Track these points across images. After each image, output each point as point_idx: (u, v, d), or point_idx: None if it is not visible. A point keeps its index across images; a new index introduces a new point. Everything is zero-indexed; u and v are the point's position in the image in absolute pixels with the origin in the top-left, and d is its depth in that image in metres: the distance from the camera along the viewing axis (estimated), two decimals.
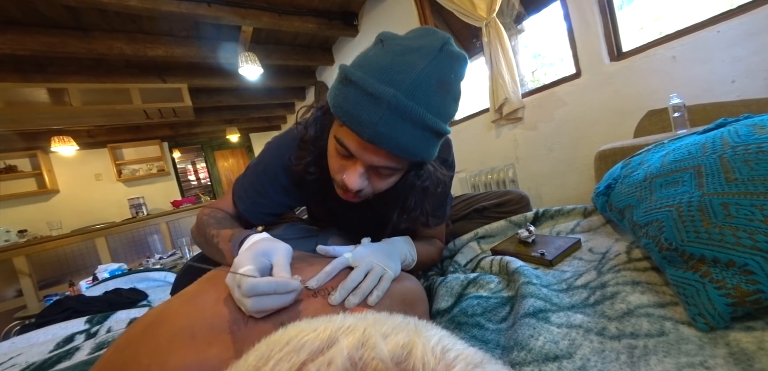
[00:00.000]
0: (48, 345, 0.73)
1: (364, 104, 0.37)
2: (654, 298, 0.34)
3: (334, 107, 0.41)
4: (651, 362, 0.27)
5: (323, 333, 0.12)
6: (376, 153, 0.40)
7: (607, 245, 0.52)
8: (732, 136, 0.37)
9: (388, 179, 0.45)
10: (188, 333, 0.29)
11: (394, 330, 0.12)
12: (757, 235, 0.26)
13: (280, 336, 0.13)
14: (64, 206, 3.59)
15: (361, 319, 0.14)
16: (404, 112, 0.37)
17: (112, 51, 2.21)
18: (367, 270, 0.40)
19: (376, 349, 0.11)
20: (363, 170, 0.43)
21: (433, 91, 0.38)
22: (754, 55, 1.10)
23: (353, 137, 0.40)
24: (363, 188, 0.44)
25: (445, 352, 0.12)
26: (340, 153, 0.43)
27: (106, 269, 1.77)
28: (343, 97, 0.40)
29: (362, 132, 0.38)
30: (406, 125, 0.38)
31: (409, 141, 0.39)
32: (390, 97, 0.36)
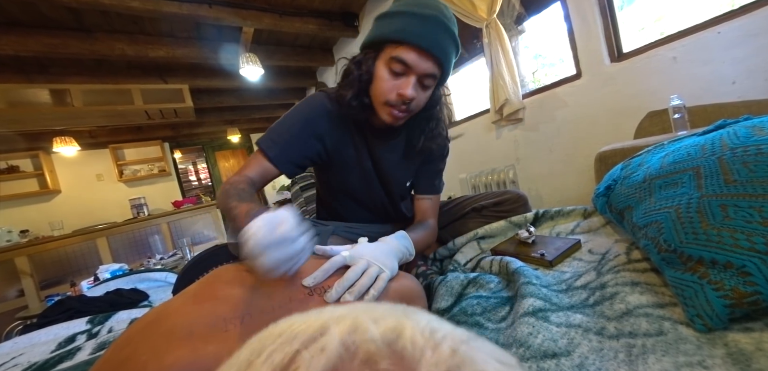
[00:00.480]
0: (50, 345, 0.74)
1: (417, 22, 0.53)
2: (653, 299, 0.34)
3: (391, 34, 0.54)
4: (649, 361, 0.27)
5: (315, 323, 0.13)
6: (428, 60, 0.54)
7: (607, 246, 0.52)
8: (731, 138, 0.37)
9: (427, 92, 0.59)
10: (186, 331, 0.30)
11: (383, 314, 0.13)
12: (755, 237, 0.26)
13: (271, 330, 0.14)
14: (66, 206, 3.60)
15: (351, 308, 0.14)
16: (444, 25, 0.54)
17: (114, 52, 2.22)
18: (363, 269, 0.41)
19: (368, 333, 0.11)
20: (415, 80, 0.55)
21: (450, 18, 0.55)
22: (754, 56, 1.10)
23: (412, 50, 0.53)
24: (414, 97, 0.56)
25: (433, 332, 0.12)
26: (396, 71, 0.55)
27: (108, 269, 1.77)
28: (395, 23, 0.54)
29: (422, 41, 0.52)
30: (445, 35, 0.54)
31: (447, 48, 0.55)
32: (434, 15, 0.53)
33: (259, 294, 0.36)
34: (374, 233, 0.65)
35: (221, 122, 4.29)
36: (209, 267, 0.72)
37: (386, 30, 0.55)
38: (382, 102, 0.58)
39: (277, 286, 0.38)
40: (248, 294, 0.36)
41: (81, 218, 3.52)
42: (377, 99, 0.58)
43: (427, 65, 0.54)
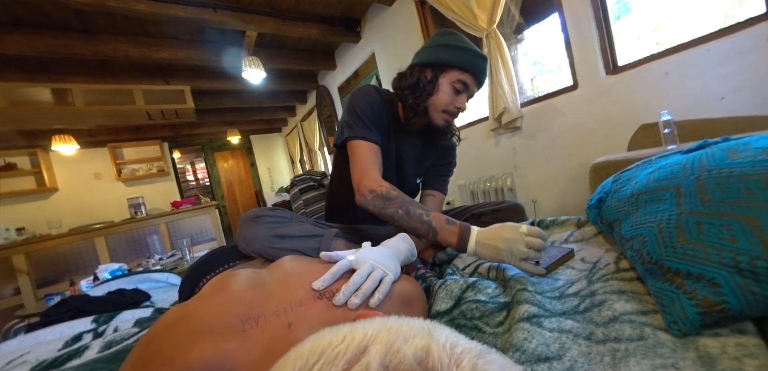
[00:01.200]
0: (56, 343, 0.75)
1: (480, 61, 0.75)
2: (637, 306, 0.37)
3: (460, 63, 0.73)
4: (630, 363, 0.30)
5: (352, 343, 0.14)
6: (476, 85, 0.77)
7: (598, 255, 0.55)
8: (709, 159, 0.40)
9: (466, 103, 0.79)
10: (207, 329, 0.32)
11: (412, 333, 0.15)
12: (724, 252, 0.29)
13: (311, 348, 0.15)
14: (63, 204, 3.59)
15: (382, 326, 0.16)
16: (486, 67, 0.77)
17: (117, 53, 2.24)
18: (368, 272, 0.43)
19: (402, 353, 0.13)
20: (466, 97, 0.78)
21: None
22: (742, 73, 1.15)
23: (472, 77, 0.75)
24: (465, 109, 0.79)
25: (454, 348, 0.14)
26: (457, 89, 0.75)
27: (107, 269, 1.78)
28: (465, 56, 0.74)
29: (480, 75, 0.76)
30: (485, 72, 0.77)
31: (484, 81, 0.79)
32: (484, 56, 0.76)
33: (273, 297, 0.38)
34: (378, 234, 0.71)
35: (221, 123, 4.30)
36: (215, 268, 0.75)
37: (454, 59, 0.73)
38: (441, 110, 0.76)
39: (289, 289, 0.40)
40: (262, 295, 0.38)
41: (78, 216, 3.51)
42: (437, 106, 0.76)
43: (476, 90, 0.78)
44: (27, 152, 3.39)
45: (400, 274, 0.49)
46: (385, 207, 0.66)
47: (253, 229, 0.67)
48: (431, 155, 0.89)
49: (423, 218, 0.63)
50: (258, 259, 0.69)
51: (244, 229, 0.68)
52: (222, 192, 4.99)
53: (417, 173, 0.88)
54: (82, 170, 3.74)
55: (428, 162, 0.89)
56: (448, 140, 0.87)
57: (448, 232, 0.61)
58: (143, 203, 3.56)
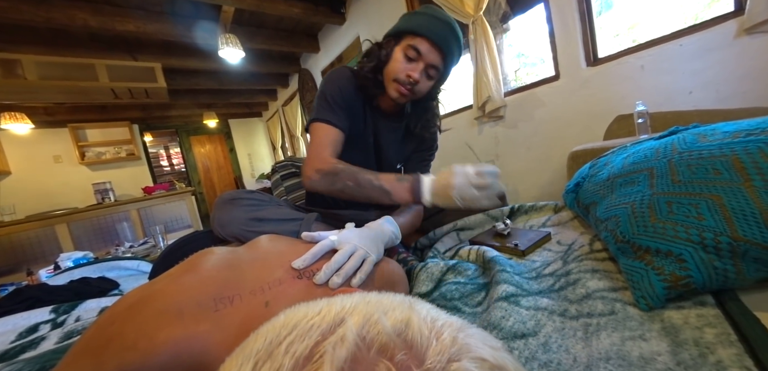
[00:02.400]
0: (8, 335, 0.69)
1: (435, 22, 0.66)
2: (609, 283, 0.39)
3: (412, 27, 0.67)
4: (601, 336, 0.31)
5: (328, 315, 0.13)
6: (435, 52, 0.66)
7: (573, 237, 0.57)
8: (680, 143, 0.42)
9: (429, 82, 0.71)
10: (176, 310, 0.30)
11: (391, 307, 0.14)
12: (691, 229, 0.30)
13: (284, 321, 0.14)
14: (17, 189, 3.28)
15: (362, 300, 0.15)
16: (453, 29, 0.67)
17: (74, 22, 2.02)
18: (350, 252, 0.42)
19: (380, 324, 0.12)
20: (423, 67, 0.67)
21: (458, 28, 0.69)
22: (709, 69, 1.22)
23: (426, 42, 0.66)
24: (418, 80, 0.68)
25: (434, 321, 0.14)
26: (409, 57, 0.67)
27: (70, 257, 1.66)
28: (419, 19, 0.67)
29: (436, 38, 0.65)
30: (453, 37, 0.67)
31: (453, 47, 0.68)
32: (447, 20, 0.67)
33: (248, 275, 0.36)
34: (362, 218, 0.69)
35: (197, 105, 4.05)
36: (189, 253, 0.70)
37: (408, 24, 0.68)
38: (392, 79, 0.69)
39: (267, 268, 0.38)
40: (237, 274, 0.36)
41: (36, 202, 3.22)
42: (389, 76, 0.70)
43: (434, 57, 0.67)
44: None
45: (382, 256, 0.48)
46: (334, 183, 0.64)
47: (230, 212, 0.64)
48: (413, 140, 0.85)
49: (373, 183, 0.61)
50: (234, 243, 0.66)
51: (220, 212, 0.64)
52: (199, 178, 4.76)
53: (397, 158, 0.85)
54: (39, 152, 3.41)
55: (410, 147, 0.86)
56: (429, 129, 0.81)
57: (401, 189, 0.60)
58: (111, 189, 3.32)
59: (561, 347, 0.32)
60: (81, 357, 0.28)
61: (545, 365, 0.30)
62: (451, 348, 0.12)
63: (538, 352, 0.32)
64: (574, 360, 0.30)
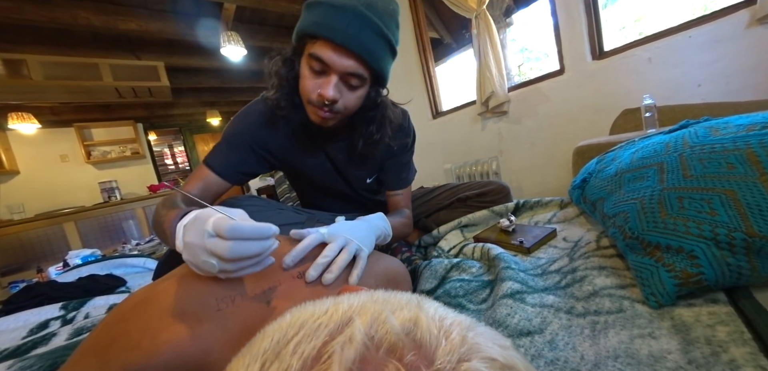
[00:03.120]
0: (20, 331, 0.70)
1: (334, 14, 0.46)
2: (616, 281, 0.38)
3: (309, 26, 0.48)
4: (609, 334, 0.30)
5: (335, 314, 0.13)
6: (347, 56, 0.48)
7: (580, 234, 0.56)
8: (691, 136, 0.41)
9: (356, 92, 0.53)
10: (178, 310, 0.30)
11: (399, 305, 0.14)
12: (704, 225, 0.30)
13: (291, 321, 0.14)
14: (26, 188, 3.32)
15: (369, 298, 0.15)
16: (365, 19, 0.46)
17: (78, 21, 2.03)
18: (341, 246, 0.40)
19: (389, 323, 0.12)
20: (336, 79, 0.49)
21: (382, 12, 0.48)
22: (718, 60, 1.19)
23: (327, 45, 0.47)
24: (337, 98, 0.50)
25: (442, 320, 0.13)
26: (315, 69, 0.50)
27: (78, 255, 1.68)
28: (314, 15, 0.48)
29: (336, 36, 0.46)
30: (368, 30, 0.47)
31: (372, 45, 0.48)
32: (353, 6, 0.46)
33: (250, 275, 0.36)
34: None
35: (200, 103, 4.06)
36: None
37: (304, 23, 0.49)
38: (306, 101, 0.54)
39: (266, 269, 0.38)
40: None
41: (44, 201, 3.27)
42: (303, 98, 0.54)
43: (347, 63, 0.48)
44: None
45: (374, 249, 0.47)
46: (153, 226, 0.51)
47: None
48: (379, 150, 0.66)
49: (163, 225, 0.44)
50: None
51: None
52: None
53: (363, 175, 0.71)
54: (46, 151, 3.45)
55: (377, 156, 0.68)
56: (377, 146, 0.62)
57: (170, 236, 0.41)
58: (117, 188, 3.36)
59: (568, 345, 0.32)
60: (87, 356, 0.28)
61: (552, 363, 0.30)
62: (461, 348, 0.12)
63: (545, 350, 0.32)
64: (582, 358, 0.29)
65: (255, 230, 0.29)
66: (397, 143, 0.67)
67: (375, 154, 0.64)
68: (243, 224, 0.29)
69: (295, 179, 0.76)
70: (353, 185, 0.73)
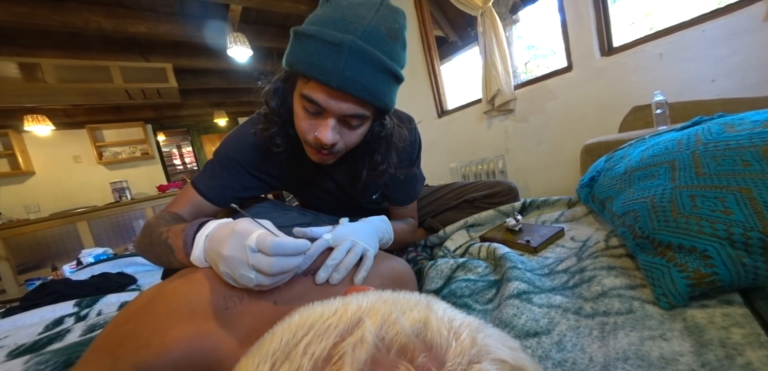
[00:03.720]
0: (36, 327, 0.72)
1: (327, 53, 0.39)
2: (626, 281, 0.37)
3: (299, 64, 0.42)
4: (619, 336, 0.30)
5: (345, 315, 0.13)
6: (344, 100, 0.42)
7: (588, 233, 0.55)
8: (705, 133, 0.40)
9: (358, 131, 0.48)
10: (187, 309, 0.30)
11: (409, 306, 0.14)
12: (718, 224, 0.29)
13: (299, 321, 0.14)
14: (41, 188, 3.43)
15: (378, 299, 0.15)
16: (365, 55, 0.40)
17: (89, 25, 2.08)
18: (348, 248, 0.41)
19: (399, 324, 0.12)
20: (334, 122, 0.44)
21: (385, 37, 0.41)
22: (734, 55, 1.15)
23: (321, 88, 0.41)
24: (336, 142, 0.46)
25: (452, 321, 0.13)
26: (309, 111, 0.44)
27: (91, 253, 1.73)
28: (305, 52, 0.41)
29: (330, 80, 0.40)
30: (368, 67, 0.40)
31: (373, 84, 0.42)
32: (349, 42, 0.39)
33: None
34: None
35: (207, 104, 4.13)
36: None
37: (294, 57, 0.43)
38: (303, 141, 0.49)
39: None
40: None
41: (59, 201, 3.37)
42: (300, 136, 0.49)
43: (344, 106, 0.43)
44: None
45: (378, 250, 0.47)
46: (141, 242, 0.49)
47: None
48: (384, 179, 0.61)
49: (161, 238, 0.43)
50: None
51: None
52: None
53: (373, 192, 0.67)
54: (60, 152, 3.55)
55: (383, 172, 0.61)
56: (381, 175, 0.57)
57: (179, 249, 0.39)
58: (128, 187, 3.44)
59: (576, 346, 0.31)
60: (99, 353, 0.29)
61: (560, 364, 0.30)
62: (471, 350, 0.12)
63: (552, 351, 0.31)
64: (590, 359, 0.29)
65: (295, 246, 0.31)
66: (404, 172, 0.62)
67: (379, 182, 0.60)
68: (285, 241, 0.30)
69: (298, 192, 0.74)
70: (359, 200, 0.70)
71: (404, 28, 0.45)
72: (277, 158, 0.56)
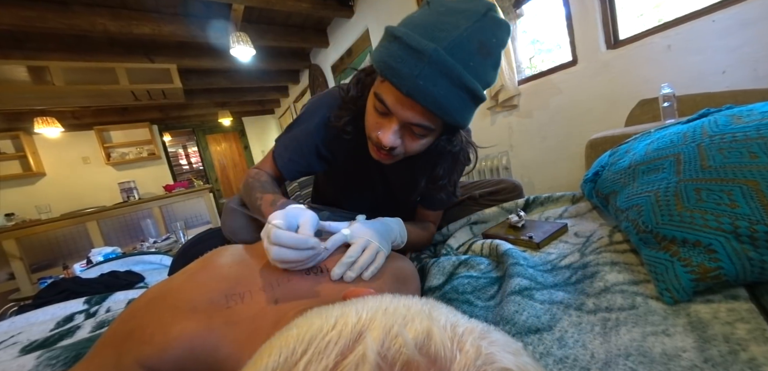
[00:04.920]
0: (48, 324, 0.74)
1: (406, 57, 0.39)
2: (629, 276, 0.37)
3: (376, 62, 0.43)
4: (621, 332, 0.30)
5: (345, 329, 0.13)
6: (412, 109, 0.42)
7: (592, 229, 0.55)
8: (711, 125, 0.39)
9: (421, 141, 0.47)
10: (189, 306, 0.31)
11: (410, 317, 0.13)
12: (723, 218, 0.28)
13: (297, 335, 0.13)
14: (52, 189, 3.51)
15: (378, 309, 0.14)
16: (444, 67, 0.38)
17: (95, 27, 2.11)
18: (363, 246, 0.42)
19: (401, 338, 0.12)
20: (397, 127, 0.44)
21: (474, 52, 0.39)
22: (746, 45, 1.12)
23: (392, 91, 0.41)
24: (396, 146, 0.46)
25: (455, 328, 0.13)
26: (378, 110, 0.45)
27: (101, 252, 1.76)
28: (387, 52, 0.41)
29: (401, 85, 0.39)
30: (443, 81, 0.39)
31: (446, 99, 0.40)
32: (431, 51, 0.37)
33: (259, 272, 0.37)
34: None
35: (212, 104, 4.17)
36: (204, 250, 0.73)
37: (376, 55, 0.43)
38: (368, 135, 0.50)
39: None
40: (248, 271, 0.37)
41: (69, 201, 3.45)
42: (366, 131, 0.50)
43: (410, 114, 0.42)
44: (9, 136, 3.26)
45: (390, 251, 0.48)
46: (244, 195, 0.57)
47: (237, 219, 0.62)
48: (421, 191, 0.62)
49: (256, 203, 0.52)
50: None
51: (229, 218, 0.63)
52: (216, 176, 4.92)
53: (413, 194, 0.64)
54: (69, 154, 3.63)
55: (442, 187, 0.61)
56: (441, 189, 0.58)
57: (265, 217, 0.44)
58: (135, 188, 3.50)
59: (578, 342, 0.31)
60: (106, 348, 0.30)
61: (561, 361, 0.29)
62: (476, 361, 0.11)
63: (554, 347, 0.31)
64: (592, 356, 0.29)
65: (293, 240, 0.35)
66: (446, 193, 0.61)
67: (435, 195, 0.59)
68: (283, 234, 0.35)
69: (335, 178, 0.72)
70: (399, 205, 0.68)
71: (502, 45, 0.43)
72: (344, 143, 0.58)
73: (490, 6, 0.40)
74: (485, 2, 0.41)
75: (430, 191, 0.58)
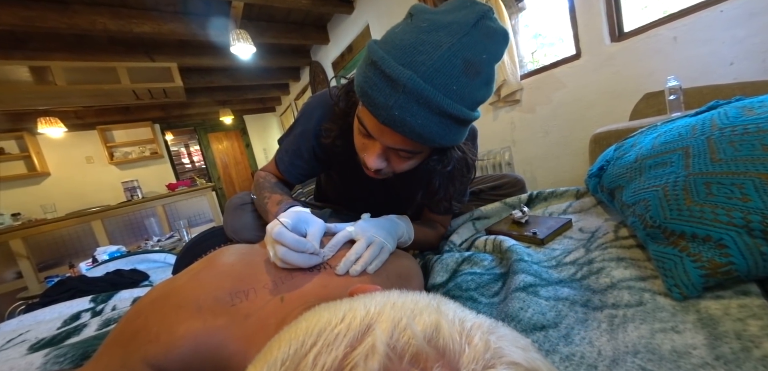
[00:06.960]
0: (55, 322, 0.75)
1: (381, 86, 0.36)
2: (636, 272, 0.36)
3: (356, 87, 0.41)
4: (628, 329, 0.29)
5: (353, 322, 0.13)
6: (391, 136, 0.40)
7: (597, 224, 0.54)
8: (721, 118, 0.38)
9: (408, 162, 0.46)
10: (195, 305, 0.31)
11: (419, 309, 0.13)
12: (734, 212, 0.27)
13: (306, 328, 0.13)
14: (57, 189, 3.54)
15: (387, 302, 0.14)
16: (420, 97, 0.35)
17: (95, 26, 2.11)
18: (368, 243, 0.42)
19: (409, 331, 0.12)
20: (381, 151, 0.43)
21: (458, 73, 0.35)
22: (754, 36, 1.10)
23: (371, 117, 0.40)
24: (381, 168, 0.45)
25: (463, 323, 0.13)
26: (362, 132, 0.44)
27: (106, 251, 1.78)
28: (364, 77, 0.39)
29: (377, 115, 0.38)
30: (421, 110, 0.36)
31: (425, 127, 0.37)
32: (406, 80, 0.34)
33: (263, 270, 0.37)
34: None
35: (213, 102, 4.17)
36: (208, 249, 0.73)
37: (357, 77, 0.41)
38: (359, 154, 0.48)
39: None
40: (252, 269, 0.37)
41: (74, 201, 3.48)
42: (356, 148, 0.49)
43: (390, 141, 0.41)
44: (13, 136, 3.29)
45: (395, 249, 0.48)
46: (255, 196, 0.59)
47: (241, 218, 0.63)
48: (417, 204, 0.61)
49: (264, 203, 0.53)
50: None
51: (231, 217, 0.64)
52: (218, 174, 4.94)
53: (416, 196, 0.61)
54: (73, 153, 3.65)
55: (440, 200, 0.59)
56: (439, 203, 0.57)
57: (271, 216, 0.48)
58: (139, 187, 3.52)
59: (584, 339, 0.31)
60: (112, 348, 0.30)
61: (568, 358, 0.29)
62: (485, 354, 0.11)
63: (560, 344, 0.31)
64: (599, 353, 0.28)
65: (294, 241, 0.36)
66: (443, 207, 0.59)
67: (436, 206, 0.58)
68: (285, 234, 0.36)
69: (335, 180, 0.71)
70: (402, 203, 0.66)
71: (495, 59, 0.39)
72: (337, 151, 0.57)
73: (482, 13, 0.36)
74: (477, 9, 0.37)
75: (430, 202, 0.58)
